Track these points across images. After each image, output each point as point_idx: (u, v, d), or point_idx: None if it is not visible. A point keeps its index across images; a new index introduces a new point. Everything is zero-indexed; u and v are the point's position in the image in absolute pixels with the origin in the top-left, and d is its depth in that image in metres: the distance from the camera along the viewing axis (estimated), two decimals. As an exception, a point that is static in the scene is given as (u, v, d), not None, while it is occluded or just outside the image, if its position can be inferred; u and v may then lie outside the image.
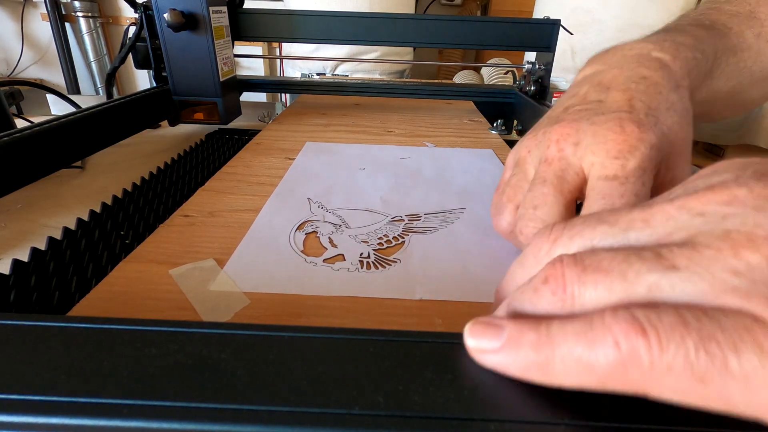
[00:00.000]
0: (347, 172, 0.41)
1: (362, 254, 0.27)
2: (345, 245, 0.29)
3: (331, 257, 0.27)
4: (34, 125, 0.37)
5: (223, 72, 0.57)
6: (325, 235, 0.29)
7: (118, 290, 0.23)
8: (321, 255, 0.27)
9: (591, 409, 0.12)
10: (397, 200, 0.35)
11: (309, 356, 0.14)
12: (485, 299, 0.24)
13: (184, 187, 0.42)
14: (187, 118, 0.60)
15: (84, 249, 0.30)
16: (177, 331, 0.15)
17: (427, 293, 0.24)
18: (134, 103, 0.52)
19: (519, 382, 0.13)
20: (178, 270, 0.25)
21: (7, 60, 2.09)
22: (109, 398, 0.12)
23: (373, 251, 0.28)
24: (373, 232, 0.30)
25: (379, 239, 0.29)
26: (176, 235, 0.29)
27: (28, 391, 0.12)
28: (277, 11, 0.62)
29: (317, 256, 0.27)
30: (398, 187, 0.38)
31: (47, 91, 0.69)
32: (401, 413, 0.12)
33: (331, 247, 0.28)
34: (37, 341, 0.14)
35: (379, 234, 0.30)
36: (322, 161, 0.44)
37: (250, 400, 0.12)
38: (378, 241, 0.29)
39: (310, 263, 0.26)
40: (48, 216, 0.40)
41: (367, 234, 0.30)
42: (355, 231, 0.30)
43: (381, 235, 0.30)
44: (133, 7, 0.55)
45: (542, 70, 0.63)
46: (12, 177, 0.35)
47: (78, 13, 1.98)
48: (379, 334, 0.15)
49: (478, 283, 0.25)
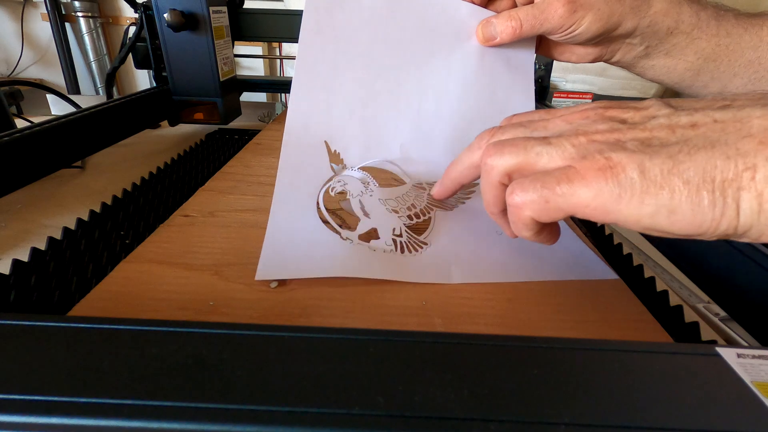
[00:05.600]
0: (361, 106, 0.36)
1: (395, 230, 0.28)
2: (376, 214, 0.29)
3: (365, 232, 0.28)
4: (34, 125, 0.37)
5: (223, 72, 0.57)
6: (356, 197, 0.30)
7: (118, 290, 0.23)
8: (355, 228, 0.28)
9: (591, 409, 0.12)
10: (418, 149, 0.34)
11: (309, 356, 0.14)
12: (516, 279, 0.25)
13: (184, 187, 0.42)
14: (187, 118, 0.60)
15: (84, 249, 0.30)
16: (177, 331, 0.15)
17: (462, 277, 0.25)
18: (134, 103, 0.52)
19: (519, 382, 0.13)
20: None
21: (7, 60, 2.09)
22: (109, 398, 0.12)
23: (405, 227, 0.29)
24: (401, 197, 0.31)
25: (408, 209, 0.30)
26: (176, 235, 0.29)
27: (28, 391, 0.12)
28: (277, 11, 0.62)
29: (351, 229, 0.28)
30: (419, 133, 0.35)
31: (47, 91, 0.69)
32: (401, 413, 0.12)
33: (364, 216, 0.29)
34: (37, 341, 0.14)
35: (407, 203, 0.31)
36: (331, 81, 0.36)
37: (250, 400, 0.12)
38: (407, 213, 0.30)
39: (347, 240, 0.27)
40: (48, 216, 0.40)
41: (396, 200, 0.31)
42: (384, 193, 0.31)
43: (408, 204, 0.31)
44: (133, 7, 0.55)
45: (542, 70, 0.63)
46: (12, 177, 0.35)
47: (78, 13, 1.98)
48: (379, 334, 0.15)
49: (506, 262, 0.27)
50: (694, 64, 0.33)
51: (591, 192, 0.17)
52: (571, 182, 0.17)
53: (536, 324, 0.22)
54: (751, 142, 0.15)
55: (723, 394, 0.14)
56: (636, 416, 0.12)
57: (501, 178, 0.20)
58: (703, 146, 0.15)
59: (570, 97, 1.40)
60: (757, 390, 0.14)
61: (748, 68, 0.32)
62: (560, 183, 0.17)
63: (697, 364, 0.15)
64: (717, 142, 0.15)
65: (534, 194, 0.18)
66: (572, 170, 0.17)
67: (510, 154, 0.20)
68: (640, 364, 0.15)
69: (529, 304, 0.23)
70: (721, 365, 0.15)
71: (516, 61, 0.36)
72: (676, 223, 0.16)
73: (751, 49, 0.32)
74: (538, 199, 0.18)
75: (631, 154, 0.16)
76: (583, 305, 0.24)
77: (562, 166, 0.18)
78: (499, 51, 0.35)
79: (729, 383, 0.14)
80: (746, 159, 0.15)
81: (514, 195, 0.19)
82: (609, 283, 0.26)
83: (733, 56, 0.32)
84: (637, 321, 0.23)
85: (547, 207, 0.18)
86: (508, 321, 0.22)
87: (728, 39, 0.32)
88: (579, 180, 0.17)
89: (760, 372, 0.15)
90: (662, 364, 0.15)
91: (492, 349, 0.15)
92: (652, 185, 0.16)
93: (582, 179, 0.17)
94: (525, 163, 0.19)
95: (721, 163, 0.15)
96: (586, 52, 0.35)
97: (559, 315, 0.23)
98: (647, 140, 0.17)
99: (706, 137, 0.16)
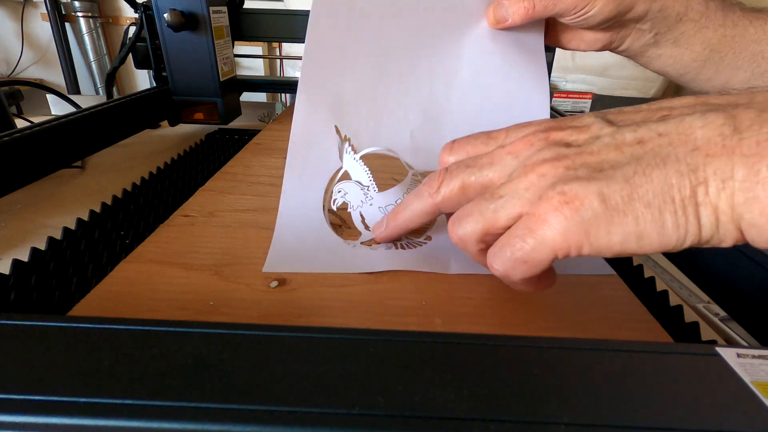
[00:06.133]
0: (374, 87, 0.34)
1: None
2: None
3: (367, 240, 0.29)
4: (34, 125, 0.37)
5: (223, 72, 0.57)
6: (356, 209, 0.30)
7: (118, 290, 0.23)
8: (358, 238, 0.29)
9: (591, 409, 0.12)
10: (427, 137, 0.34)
11: (309, 356, 0.14)
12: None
13: (184, 187, 0.42)
14: (187, 118, 0.60)
15: (84, 249, 0.30)
16: (177, 331, 0.15)
17: (461, 268, 0.26)
18: (134, 103, 0.52)
19: (519, 382, 0.13)
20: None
21: (7, 60, 2.09)
22: (109, 398, 0.12)
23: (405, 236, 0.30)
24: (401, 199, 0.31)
25: None
26: (176, 235, 0.29)
27: (28, 391, 0.12)
28: (277, 11, 0.62)
29: (355, 238, 0.29)
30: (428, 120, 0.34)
31: (47, 91, 0.69)
32: (401, 413, 0.12)
33: (365, 230, 0.29)
34: (37, 341, 0.14)
35: None
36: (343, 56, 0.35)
37: (250, 400, 0.12)
38: None
39: (350, 245, 0.28)
40: (48, 216, 0.40)
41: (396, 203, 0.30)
42: (384, 200, 0.31)
43: None
44: (133, 7, 0.55)
45: (542, 70, 0.62)
46: (12, 177, 0.35)
47: (78, 13, 1.98)
48: (379, 334, 0.15)
49: None
50: (700, 55, 0.33)
51: (558, 233, 0.16)
52: (534, 232, 0.17)
53: (536, 324, 0.22)
54: (699, 155, 0.15)
55: (723, 394, 0.14)
56: (636, 416, 0.12)
57: (476, 246, 0.20)
58: (656, 164, 0.16)
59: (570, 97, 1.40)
60: (757, 390, 0.14)
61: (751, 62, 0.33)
62: (525, 239, 0.17)
63: (696, 364, 0.15)
64: (668, 158, 0.16)
65: (509, 262, 0.18)
66: (532, 219, 0.17)
67: (469, 223, 0.19)
68: (640, 364, 0.15)
69: (528, 304, 0.23)
70: (720, 365, 0.15)
71: (527, 44, 0.35)
72: (644, 246, 0.16)
73: (755, 43, 0.32)
74: (515, 264, 0.18)
75: (586, 184, 0.16)
76: (583, 305, 0.24)
77: (522, 215, 0.18)
78: (509, 34, 0.35)
79: (729, 383, 0.14)
80: (697, 174, 0.15)
81: (494, 266, 0.19)
82: (609, 284, 0.26)
83: (738, 48, 0.32)
84: (637, 321, 0.23)
85: (528, 265, 0.18)
86: (508, 321, 0.22)
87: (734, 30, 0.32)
88: (541, 225, 0.17)
89: (760, 372, 0.15)
90: (662, 364, 0.15)
91: (492, 349, 0.15)
92: (616, 213, 0.16)
93: (544, 223, 0.17)
94: (488, 226, 0.19)
95: (677, 181, 0.15)
96: (596, 38, 0.34)
97: (559, 315, 0.23)
98: (598, 165, 0.17)
99: (656, 153, 0.16)
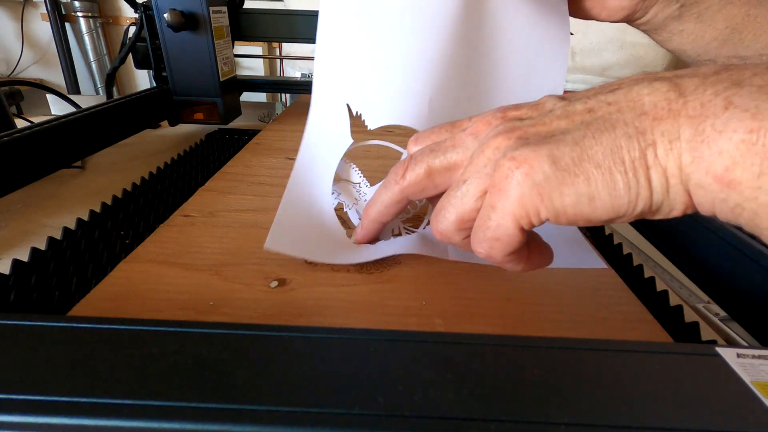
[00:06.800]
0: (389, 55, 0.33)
1: (393, 231, 0.30)
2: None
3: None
4: (34, 125, 0.37)
5: (223, 72, 0.57)
6: (352, 208, 0.31)
7: (118, 290, 0.23)
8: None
9: (591, 409, 0.12)
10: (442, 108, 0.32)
11: (309, 356, 0.14)
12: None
13: (184, 187, 0.42)
14: (187, 118, 0.60)
15: (84, 249, 0.30)
16: (177, 331, 0.15)
17: (459, 255, 0.27)
18: (134, 103, 0.52)
19: (519, 382, 0.13)
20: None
21: (7, 60, 2.09)
22: (109, 398, 0.12)
23: (402, 225, 0.30)
24: None
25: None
26: (176, 235, 0.29)
27: (28, 391, 0.12)
28: (277, 11, 0.62)
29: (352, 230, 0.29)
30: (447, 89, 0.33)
31: (47, 91, 0.69)
32: (401, 413, 0.12)
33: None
34: (37, 341, 0.14)
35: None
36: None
37: (250, 400, 0.12)
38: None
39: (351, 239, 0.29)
40: (48, 216, 0.40)
41: None
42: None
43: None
44: (133, 7, 0.55)
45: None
46: (12, 177, 0.35)
47: (78, 13, 1.98)
48: (379, 334, 0.15)
49: None
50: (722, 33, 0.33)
51: (514, 200, 0.16)
52: (494, 207, 0.17)
53: (536, 323, 0.22)
54: (647, 119, 0.15)
55: (723, 394, 0.14)
56: (636, 416, 0.12)
57: (459, 236, 0.20)
58: (605, 128, 0.16)
59: (570, 97, 1.40)
60: (757, 390, 0.14)
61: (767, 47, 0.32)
62: (490, 216, 0.17)
63: (696, 364, 0.15)
64: (617, 122, 0.16)
65: (486, 242, 0.18)
66: (493, 192, 0.17)
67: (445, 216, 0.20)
68: (640, 364, 0.15)
69: (528, 304, 0.23)
70: (720, 365, 0.15)
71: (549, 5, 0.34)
72: (597, 210, 0.16)
73: None
74: (491, 243, 0.18)
75: (536, 148, 0.16)
76: (583, 305, 0.24)
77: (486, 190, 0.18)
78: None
79: (729, 383, 0.14)
80: (645, 136, 0.15)
81: (477, 251, 0.19)
82: (609, 284, 0.26)
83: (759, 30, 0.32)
84: (637, 321, 0.23)
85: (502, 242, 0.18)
86: (508, 321, 0.22)
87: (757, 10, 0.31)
88: (499, 197, 0.17)
89: (760, 372, 0.15)
90: (662, 364, 0.15)
91: (492, 349, 0.15)
92: (567, 174, 0.16)
93: (501, 193, 0.17)
94: (461, 213, 0.19)
95: (626, 143, 0.15)
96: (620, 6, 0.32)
97: (559, 315, 0.23)
98: (549, 133, 0.17)
99: (605, 119, 0.16)
